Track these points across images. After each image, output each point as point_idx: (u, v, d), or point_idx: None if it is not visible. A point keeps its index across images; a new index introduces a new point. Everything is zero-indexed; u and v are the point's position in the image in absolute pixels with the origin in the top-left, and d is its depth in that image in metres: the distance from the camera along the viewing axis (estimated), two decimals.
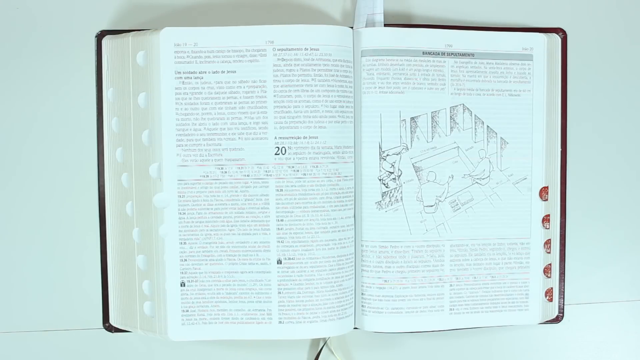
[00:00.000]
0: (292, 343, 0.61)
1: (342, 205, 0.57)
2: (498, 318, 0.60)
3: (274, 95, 0.55)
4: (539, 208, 0.60)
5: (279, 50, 0.55)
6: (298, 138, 0.56)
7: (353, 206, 0.58)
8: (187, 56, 0.55)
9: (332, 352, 0.61)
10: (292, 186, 0.56)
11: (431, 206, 0.58)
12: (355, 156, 0.57)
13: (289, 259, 0.56)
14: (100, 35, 0.58)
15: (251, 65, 0.55)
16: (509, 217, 0.59)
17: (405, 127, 0.58)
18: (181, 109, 0.56)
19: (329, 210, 0.56)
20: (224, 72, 0.55)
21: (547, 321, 0.61)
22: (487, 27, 0.60)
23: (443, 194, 0.59)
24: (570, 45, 0.61)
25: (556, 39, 0.60)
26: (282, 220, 0.56)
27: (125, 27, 0.59)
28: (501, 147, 0.59)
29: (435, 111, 0.58)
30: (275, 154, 0.56)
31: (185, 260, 0.56)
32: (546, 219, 0.60)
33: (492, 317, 0.60)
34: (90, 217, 0.60)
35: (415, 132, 0.58)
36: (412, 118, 0.58)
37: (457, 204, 0.59)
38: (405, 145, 0.58)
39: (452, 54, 0.58)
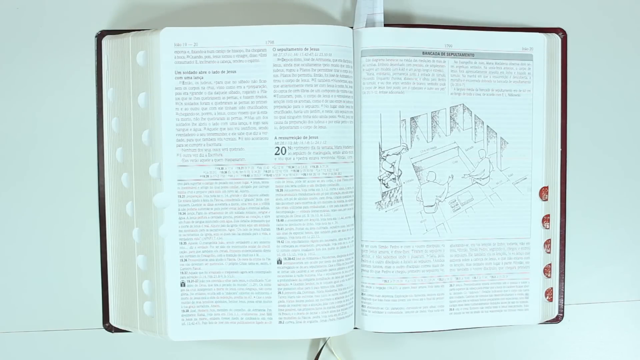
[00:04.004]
0: (292, 343, 0.61)
1: (342, 205, 0.57)
2: (498, 318, 0.60)
3: (274, 95, 0.55)
4: (539, 208, 0.60)
5: (279, 50, 0.55)
6: (298, 138, 0.56)
7: (353, 206, 0.58)
8: (187, 56, 0.55)
9: (332, 352, 0.61)
10: (292, 186, 0.56)
11: (431, 206, 0.58)
12: (355, 156, 0.57)
13: (289, 259, 0.56)
14: (100, 35, 0.58)
15: (251, 65, 0.55)
16: (509, 217, 0.59)
17: (405, 127, 0.58)
18: (181, 109, 0.56)
19: (329, 210, 0.56)
20: (224, 72, 0.55)
21: (547, 321, 0.61)
22: (487, 27, 0.60)
23: (443, 194, 0.59)
24: (570, 45, 0.61)
25: (556, 39, 0.60)
26: (282, 220, 0.56)
27: (125, 27, 0.59)
28: (501, 147, 0.59)
29: (435, 111, 0.58)
30: (276, 154, 0.56)
31: (185, 260, 0.56)
32: (546, 219, 0.60)
33: (492, 317, 0.60)
34: (90, 217, 0.60)
35: (415, 132, 0.58)
36: (412, 118, 0.58)
37: (457, 204, 0.59)
38: (405, 145, 0.58)
39: (452, 54, 0.58)
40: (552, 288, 0.61)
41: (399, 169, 0.58)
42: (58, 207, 0.60)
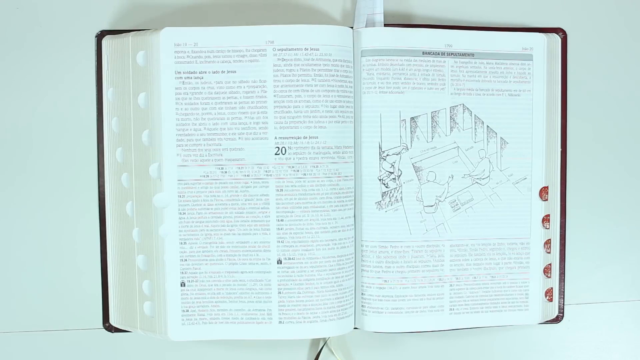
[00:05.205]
0: (292, 343, 0.61)
1: (342, 205, 0.57)
2: (498, 318, 0.60)
3: (274, 95, 0.55)
4: (539, 208, 0.60)
5: (279, 50, 0.55)
6: (298, 138, 0.56)
7: (353, 206, 0.58)
8: (187, 56, 0.55)
9: (332, 352, 0.61)
10: (292, 186, 0.56)
11: (431, 206, 0.58)
12: (355, 156, 0.57)
13: (289, 259, 0.56)
14: (100, 35, 0.58)
15: (251, 65, 0.55)
16: (509, 217, 0.59)
17: (405, 127, 0.58)
18: (181, 109, 0.56)
19: (329, 210, 0.56)
20: (224, 72, 0.55)
21: (547, 321, 0.61)
22: (487, 27, 0.60)
23: (443, 194, 0.59)
24: (570, 45, 0.61)
25: (556, 39, 0.60)
26: (282, 220, 0.56)
27: (125, 27, 0.59)
28: (501, 147, 0.59)
29: (435, 111, 0.58)
30: (276, 154, 0.56)
31: (185, 260, 0.56)
32: (546, 219, 0.60)
33: (492, 317, 0.60)
34: (90, 217, 0.60)
35: (415, 132, 0.58)
36: (412, 118, 0.58)
37: (457, 204, 0.59)
38: (405, 145, 0.58)
39: (452, 54, 0.58)
40: (552, 288, 0.61)
41: (399, 169, 0.58)
42: (58, 207, 0.60)
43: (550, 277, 0.60)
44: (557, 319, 0.61)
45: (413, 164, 0.58)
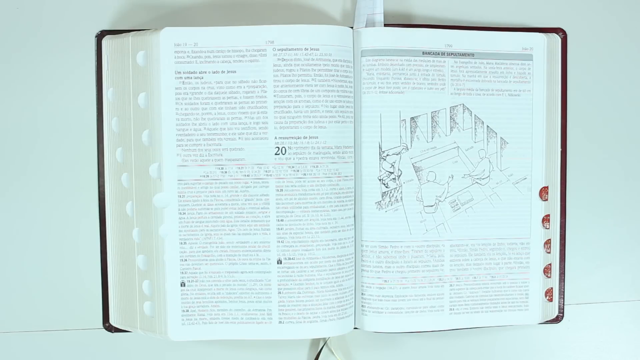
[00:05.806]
0: (292, 343, 0.61)
1: (342, 205, 0.57)
2: (498, 318, 0.60)
3: (274, 95, 0.55)
4: (539, 208, 0.60)
5: (279, 50, 0.55)
6: (298, 138, 0.56)
7: (353, 206, 0.58)
8: (187, 56, 0.55)
9: (332, 352, 0.61)
10: (292, 186, 0.56)
11: (431, 206, 0.58)
12: (355, 156, 0.57)
13: (289, 259, 0.56)
14: (100, 35, 0.58)
15: (251, 65, 0.55)
16: (509, 217, 0.59)
17: (405, 127, 0.58)
18: (181, 109, 0.56)
19: (329, 210, 0.56)
20: (224, 72, 0.55)
21: (547, 321, 0.61)
22: (487, 27, 0.60)
23: (443, 194, 0.59)
24: (570, 45, 0.61)
25: (556, 39, 0.60)
26: (282, 220, 0.56)
27: (125, 27, 0.59)
28: (501, 147, 0.59)
29: (435, 111, 0.58)
30: (276, 154, 0.56)
31: (185, 260, 0.56)
32: (546, 219, 0.60)
33: (492, 317, 0.60)
34: (90, 217, 0.60)
35: (415, 132, 0.58)
36: (412, 118, 0.58)
37: (457, 204, 0.59)
38: (405, 145, 0.58)
39: (452, 54, 0.58)
40: (552, 288, 0.61)
41: (399, 169, 0.58)
42: (58, 207, 0.60)
43: (550, 277, 0.60)
44: (557, 319, 0.61)
45: (413, 164, 0.58)
